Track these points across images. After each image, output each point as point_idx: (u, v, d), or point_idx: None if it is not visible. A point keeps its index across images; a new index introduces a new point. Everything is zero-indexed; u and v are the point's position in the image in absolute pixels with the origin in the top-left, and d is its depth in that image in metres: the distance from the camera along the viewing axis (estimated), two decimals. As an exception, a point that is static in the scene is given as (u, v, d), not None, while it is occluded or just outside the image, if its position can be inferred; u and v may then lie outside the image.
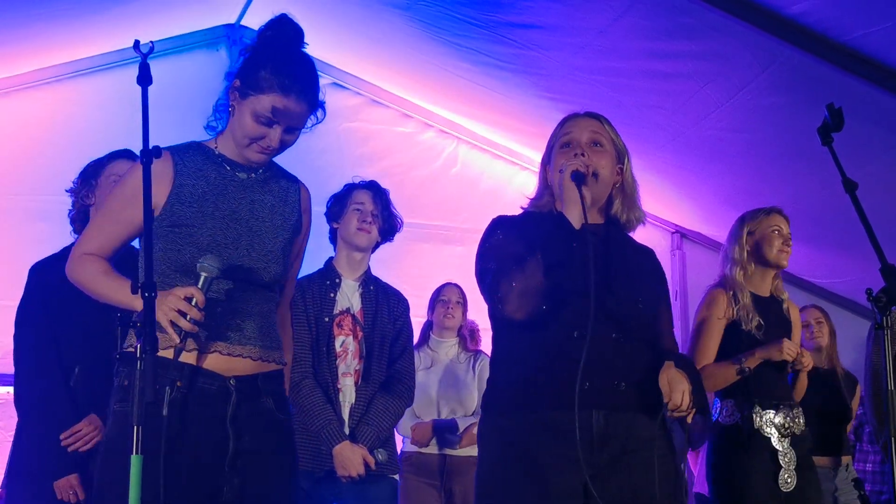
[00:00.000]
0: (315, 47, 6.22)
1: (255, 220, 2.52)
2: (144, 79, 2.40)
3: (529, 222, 2.71)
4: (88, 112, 5.31)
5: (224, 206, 2.48)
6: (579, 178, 2.54)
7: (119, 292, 2.37)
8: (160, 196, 2.44)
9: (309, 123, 2.55)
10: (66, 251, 3.51)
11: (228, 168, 2.53)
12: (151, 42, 2.47)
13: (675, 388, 2.47)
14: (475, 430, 4.82)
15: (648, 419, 2.55)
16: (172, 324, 2.25)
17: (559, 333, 2.54)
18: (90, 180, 3.58)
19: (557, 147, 2.71)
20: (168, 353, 2.32)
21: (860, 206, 2.62)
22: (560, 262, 2.50)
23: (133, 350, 2.29)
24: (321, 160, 5.63)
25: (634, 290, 2.65)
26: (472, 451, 4.88)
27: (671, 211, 6.38)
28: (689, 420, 2.53)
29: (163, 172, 2.44)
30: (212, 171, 2.51)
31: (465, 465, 4.87)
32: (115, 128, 4.71)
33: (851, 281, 6.07)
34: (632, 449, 2.53)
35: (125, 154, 3.58)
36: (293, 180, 2.68)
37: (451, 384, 4.98)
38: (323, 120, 2.57)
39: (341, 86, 6.03)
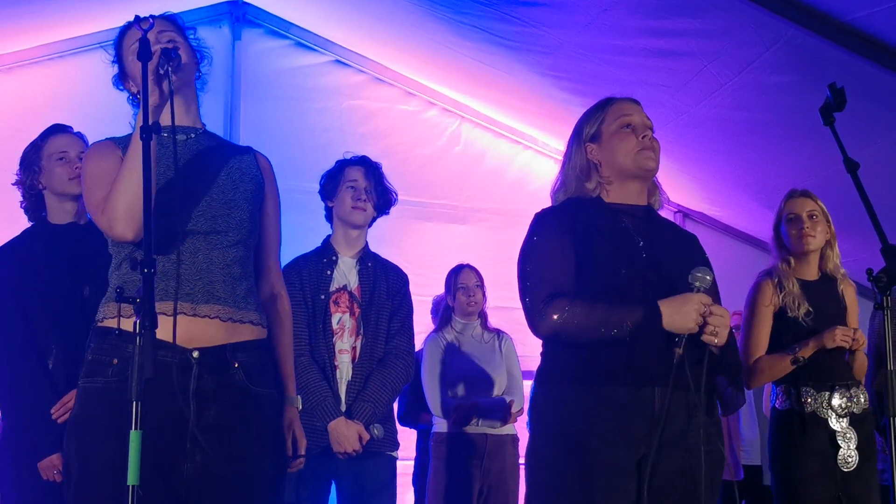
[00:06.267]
0: (317, 24, 6.22)
1: (208, 174, 2.48)
2: (145, 54, 2.37)
3: (581, 210, 2.71)
4: (89, 88, 5.26)
5: (170, 171, 2.42)
6: None
7: (129, 160, 2.32)
8: None
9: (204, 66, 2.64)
10: (24, 234, 3.50)
11: (166, 135, 2.46)
12: (151, 17, 2.46)
13: (718, 312, 2.50)
14: (514, 409, 4.81)
15: (702, 402, 2.56)
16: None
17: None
18: (33, 166, 3.50)
19: (616, 126, 2.73)
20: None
21: (861, 186, 2.61)
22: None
23: (108, 325, 2.35)
24: (323, 138, 5.62)
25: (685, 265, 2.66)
26: (510, 429, 4.92)
27: (674, 190, 6.36)
28: (717, 347, 2.52)
29: (116, 161, 2.43)
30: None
31: (504, 443, 4.89)
32: (116, 104, 4.67)
33: (853, 261, 6.05)
34: (686, 430, 2.54)
35: (58, 129, 3.55)
36: (245, 149, 2.67)
37: (481, 364, 4.94)
38: (200, 44, 2.64)
39: (344, 63, 6.01)
